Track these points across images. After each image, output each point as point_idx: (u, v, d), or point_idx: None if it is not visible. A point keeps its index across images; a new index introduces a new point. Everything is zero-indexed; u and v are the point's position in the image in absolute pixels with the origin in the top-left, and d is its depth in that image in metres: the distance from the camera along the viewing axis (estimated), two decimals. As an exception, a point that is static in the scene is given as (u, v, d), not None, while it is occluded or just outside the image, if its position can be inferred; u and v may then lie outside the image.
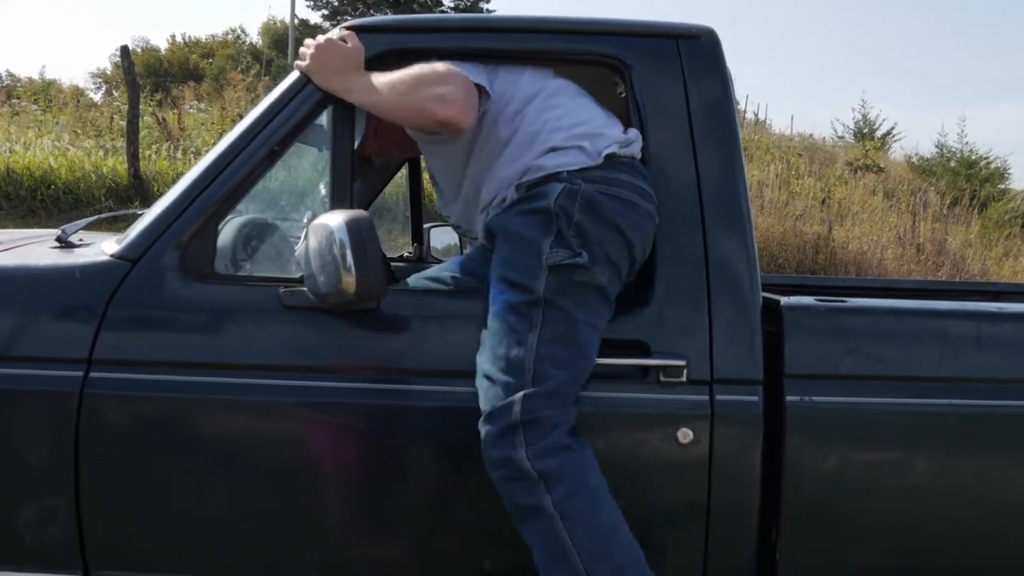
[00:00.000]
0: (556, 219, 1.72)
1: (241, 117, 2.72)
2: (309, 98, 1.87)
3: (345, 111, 1.87)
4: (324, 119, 1.90)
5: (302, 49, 1.90)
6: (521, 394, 1.64)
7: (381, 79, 1.82)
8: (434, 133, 1.89)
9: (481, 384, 1.70)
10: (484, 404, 1.67)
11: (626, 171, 1.80)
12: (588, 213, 1.73)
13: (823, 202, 11.62)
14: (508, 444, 1.63)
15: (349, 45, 1.86)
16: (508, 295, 1.72)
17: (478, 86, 1.81)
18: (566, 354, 1.68)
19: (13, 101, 13.78)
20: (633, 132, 1.88)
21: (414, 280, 2.17)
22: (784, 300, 1.83)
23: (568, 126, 1.82)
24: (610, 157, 1.80)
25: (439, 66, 1.79)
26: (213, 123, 12.26)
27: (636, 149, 1.86)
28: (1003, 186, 17.99)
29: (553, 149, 1.79)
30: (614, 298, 1.76)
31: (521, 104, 1.85)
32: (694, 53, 1.91)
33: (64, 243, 2.09)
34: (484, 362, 1.71)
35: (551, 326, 1.69)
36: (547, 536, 1.62)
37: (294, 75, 1.92)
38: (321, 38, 1.89)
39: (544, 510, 1.61)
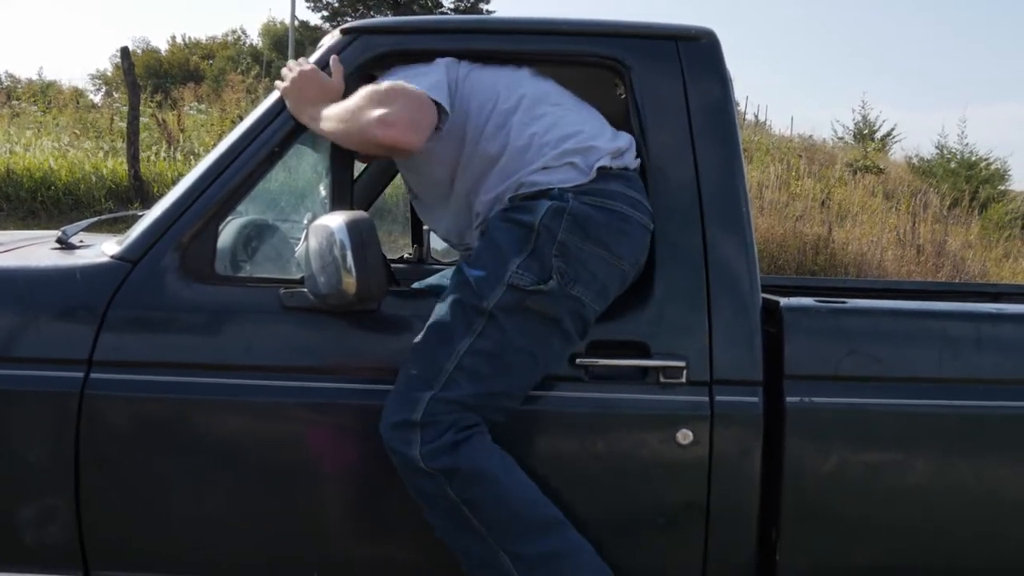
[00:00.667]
0: (536, 237, 1.71)
1: (241, 118, 2.72)
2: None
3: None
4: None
5: (284, 70, 1.89)
6: (428, 395, 1.66)
7: (335, 106, 1.79)
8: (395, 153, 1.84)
9: (403, 365, 1.72)
10: (396, 385, 1.71)
11: (618, 182, 1.79)
12: (574, 231, 1.72)
13: (823, 203, 11.61)
14: (404, 441, 1.66)
15: (332, 79, 1.85)
16: (461, 293, 1.72)
17: (437, 104, 1.76)
18: (488, 371, 1.68)
19: (13, 102, 13.78)
20: (625, 139, 1.86)
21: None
22: (784, 301, 1.83)
23: (556, 141, 1.79)
24: (602, 169, 1.79)
25: (384, 85, 1.75)
26: (213, 124, 12.26)
27: (630, 159, 1.85)
28: (1003, 187, 17.96)
29: (544, 168, 1.78)
30: (593, 316, 1.75)
31: (503, 118, 1.82)
32: (694, 54, 1.91)
33: (65, 244, 2.09)
34: (414, 346, 1.73)
35: (485, 340, 1.69)
36: (455, 518, 1.68)
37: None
38: (306, 64, 1.87)
39: (446, 498, 1.66)
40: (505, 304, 1.69)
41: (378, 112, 1.70)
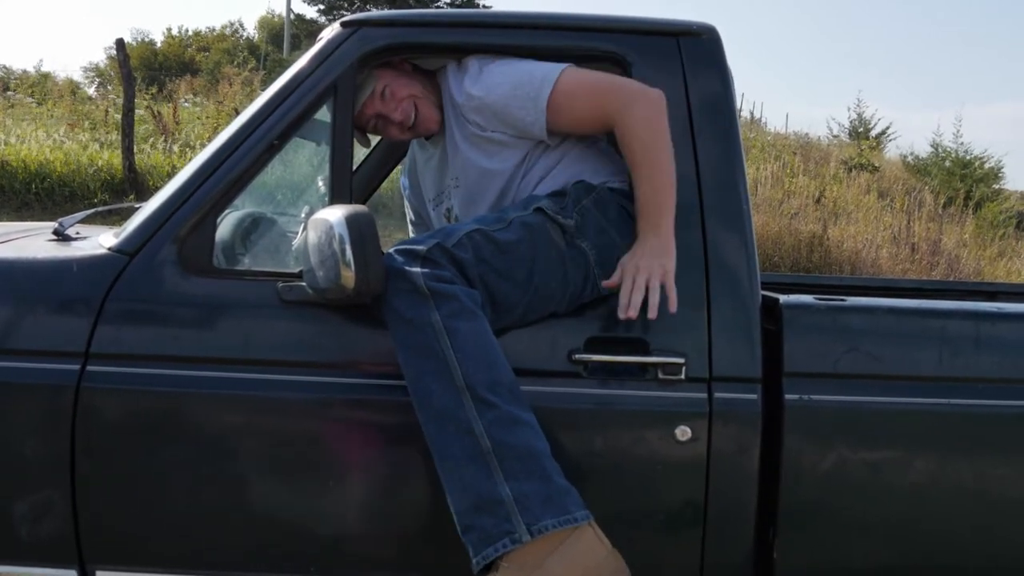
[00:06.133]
0: (566, 196, 1.86)
1: (237, 111, 2.71)
2: (309, 92, 1.87)
3: (345, 105, 1.87)
4: (324, 113, 1.89)
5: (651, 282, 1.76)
6: (436, 241, 1.71)
7: (658, 158, 1.82)
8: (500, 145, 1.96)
9: None
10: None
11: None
12: (597, 206, 1.86)
13: (818, 201, 11.62)
14: (406, 262, 1.68)
15: (663, 239, 1.80)
16: (492, 213, 1.88)
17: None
18: (489, 256, 1.74)
19: (8, 93, 13.73)
20: None
21: None
22: (783, 298, 1.83)
23: (598, 168, 1.97)
24: (630, 184, 1.89)
25: (606, 98, 1.85)
26: (208, 117, 12.22)
27: None
28: (997, 186, 17.97)
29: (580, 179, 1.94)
30: (591, 286, 1.80)
31: (574, 141, 1.99)
32: (695, 51, 1.91)
33: (61, 236, 2.08)
34: None
35: (499, 233, 1.77)
36: (429, 349, 1.65)
37: (293, 69, 1.92)
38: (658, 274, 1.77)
39: (429, 323, 1.65)
40: (526, 219, 1.80)
41: (645, 111, 1.81)
